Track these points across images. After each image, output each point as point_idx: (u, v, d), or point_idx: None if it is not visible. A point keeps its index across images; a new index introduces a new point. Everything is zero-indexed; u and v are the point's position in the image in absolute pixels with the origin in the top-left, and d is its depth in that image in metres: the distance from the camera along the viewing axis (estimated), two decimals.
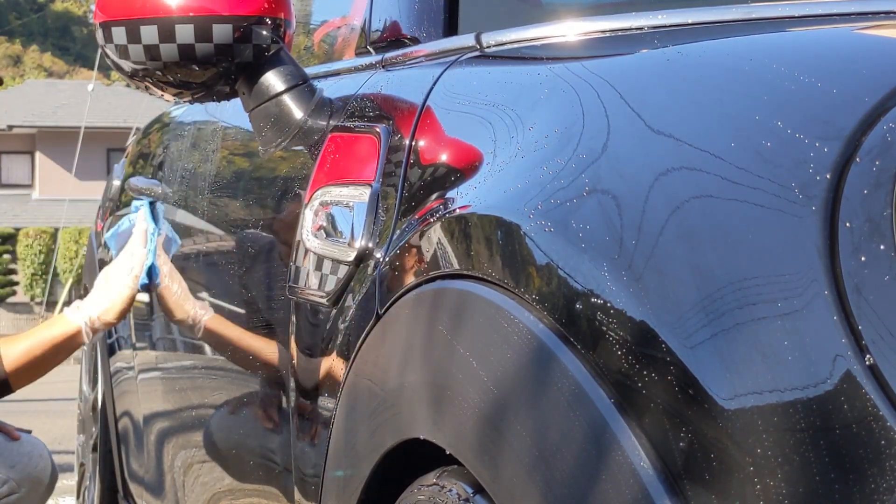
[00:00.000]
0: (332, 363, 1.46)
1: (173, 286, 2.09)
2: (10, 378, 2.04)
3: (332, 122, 1.65)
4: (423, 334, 1.21)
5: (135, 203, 2.18)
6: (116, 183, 3.46)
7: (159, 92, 1.75)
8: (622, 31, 1.37)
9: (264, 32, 1.66)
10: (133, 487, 3.01)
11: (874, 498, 0.77)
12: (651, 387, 0.90)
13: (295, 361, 1.60)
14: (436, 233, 1.25)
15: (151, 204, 2.15)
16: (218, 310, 2.10)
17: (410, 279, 1.29)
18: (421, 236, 1.29)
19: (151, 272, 2.07)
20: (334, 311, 1.48)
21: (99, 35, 1.71)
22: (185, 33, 1.63)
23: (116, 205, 3.36)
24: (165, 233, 2.14)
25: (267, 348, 1.77)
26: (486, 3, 1.76)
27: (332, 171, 1.58)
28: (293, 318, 1.62)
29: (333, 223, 1.53)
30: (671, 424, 0.87)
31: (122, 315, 2.08)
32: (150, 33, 1.64)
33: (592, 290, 0.97)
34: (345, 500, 1.37)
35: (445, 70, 1.47)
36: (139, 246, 2.08)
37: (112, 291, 2.05)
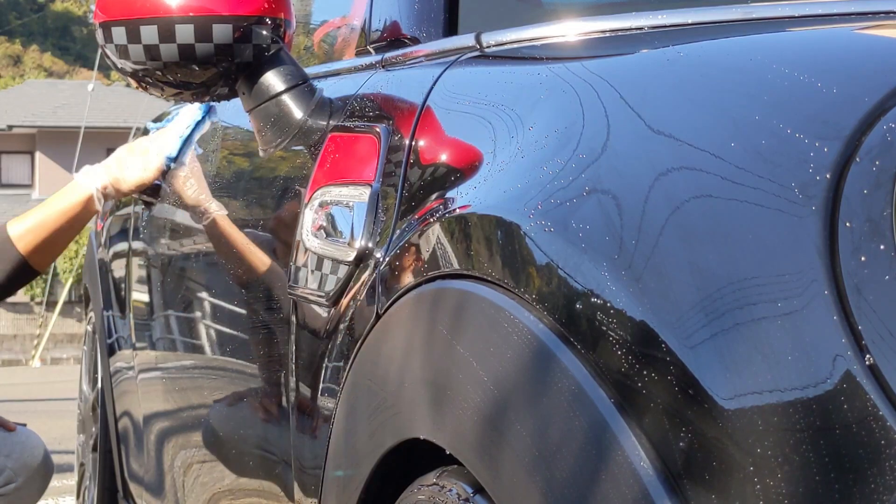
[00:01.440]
0: (332, 363, 1.46)
1: (189, 177, 2.00)
2: (29, 258, 1.94)
3: (332, 122, 1.65)
4: (423, 334, 1.21)
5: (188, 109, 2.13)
6: None
7: (159, 92, 1.75)
8: (622, 31, 1.37)
9: (264, 32, 1.66)
10: (133, 487, 3.01)
11: (874, 498, 0.77)
12: (651, 387, 0.90)
13: (295, 361, 1.60)
14: (436, 233, 1.25)
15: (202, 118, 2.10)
16: (218, 309, 2.10)
17: (410, 279, 1.29)
18: (421, 236, 1.29)
19: (180, 152, 2.01)
20: (334, 311, 1.48)
21: (99, 35, 1.71)
22: (185, 33, 1.63)
23: (116, 205, 3.36)
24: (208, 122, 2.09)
25: (265, 264, 1.75)
26: (486, 3, 1.76)
27: (331, 171, 1.58)
28: (293, 318, 1.62)
29: (333, 223, 1.53)
30: (671, 424, 0.87)
31: (138, 188, 1.99)
32: (150, 33, 1.64)
33: (592, 290, 0.97)
34: (345, 500, 1.37)
35: (445, 70, 1.47)
36: (177, 130, 2.00)
37: (133, 161, 1.97)
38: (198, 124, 2.07)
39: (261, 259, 1.79)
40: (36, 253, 1.96)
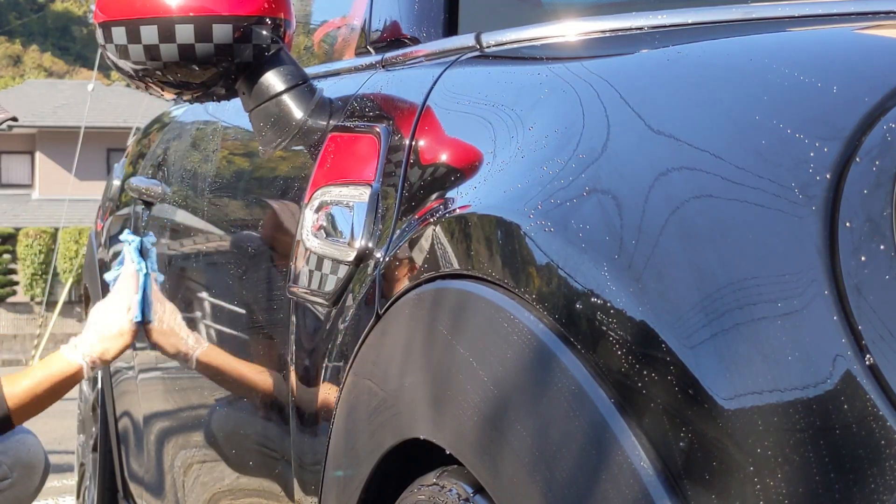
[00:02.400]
0: (332, 363, 1.46)
1: (164, 324, 2.10)
2: (13, 415, 2.09)
3: (332, 122, 1.65)
4: (423, 334, 1.21)
5: (123, 238, 2.19)
6: (116, 183, 3.46)
7: (159, 92, 1.75)
8: (622, 31, 1.37)
9: (264, 32, 1.66)
10: (133, 487, 3.01)
11: (874, 498, 0.77)
12: (651, 387, 0.90)
13: (295, 361, 1.60)
14: (436, 233, 1.25)
15: (141, 242, 2.16)
16: (218, 309, 2.10)
17: (410, 279, 1.29)
18: (421, 236, 1.29)
19: (144, 310, 2.09)
20: (334, 311, 1.48)
21: (99, 35, 1.71)
22: (185, 33, 1.63)
23: (116, 205, 3.36)
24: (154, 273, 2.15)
25: (262, 376, 1.77)
26: (486, 3, 1.76)
27: (332, 171, 1.58)
28: (293, 318, 1.62)
29: (333, 223, 1.53)
30: (671, 424, 0.87)
31: (122, 352, 2.11)
32: (150, 33, 1.64)
33: (592, 290, 0.97)
34: (345, 500, 1.37)
35: (445, 70, 1.47)
36: (131, 286, 2.09)
37: (110, 331, 2.08)
38: (141, 262, 2.13)
39: (256, 372, 1.81)
40: (20, 411, 2.11)
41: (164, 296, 2.15)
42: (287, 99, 1.67)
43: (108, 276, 2.21)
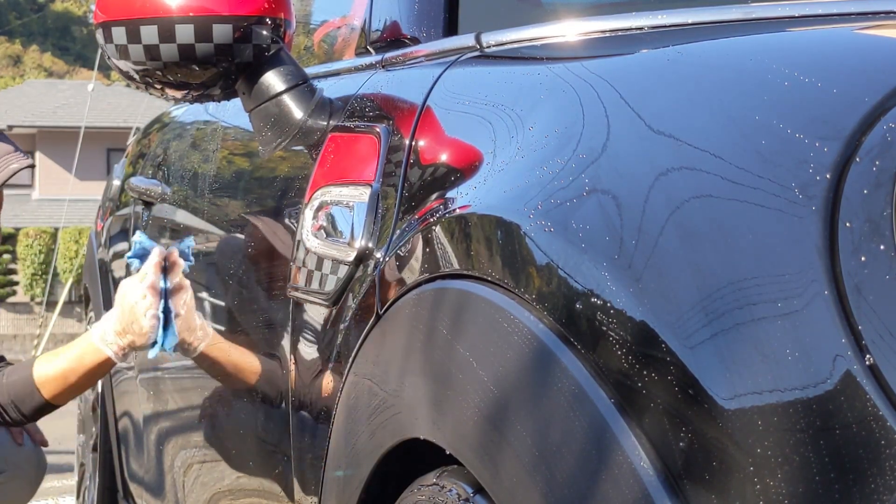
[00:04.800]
0: (332, 363, 1.46)
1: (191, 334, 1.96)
2: (52, 400, 2.09)
3: (332, 122, 1.65)
4: (424, 334, 1.21)
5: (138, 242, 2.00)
6: (116, 183, 3.46)
7: (159, 92, 1.75)
8: (622, 31, 1.37)
9: (264, 32, 1.66)
10: (133, 487, 3.01)
11: (874, 498, 0.77)
12: (651, 387, 0.90)
13: (295, 361, 1.60)
14: (436, 233, 1.25)
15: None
16: (218, 310, 2.10)
17: (410, 279, 1.29)
18: (421, 236, 1.29)
19: (167, 334, 1.93)
20: (334, 311, 1.48)
21: (99, 35, 1.71)
22: (185, 33, 1.63)
23: (116, 205, 3.36)
24: (174, 250, 1.96)
25: (262, 373, 1.76)
26: (486, 3, 1.76)
27: (332, 171, 1.58)
28: (293, 318, 1.62)
29: (333, 223, 1.53)
30: (671, 424, 0.87)
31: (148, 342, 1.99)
32: (150, 33, 1.64)
33: (592, 290, 0.97)
34: (345, 500, 1.37)
35: (445, 70, 1.47)
36: (150, 280, 1.92)
37: (135, 325, 1.95)
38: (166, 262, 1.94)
39: (256, 368, 1.79)
40: (58, 397, 2.09)
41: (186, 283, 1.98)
42: (287, 99, 1.67)
43: (129, 258, 2.05)
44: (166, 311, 1.91)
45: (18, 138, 28.07)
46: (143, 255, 1.95)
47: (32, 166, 2.29)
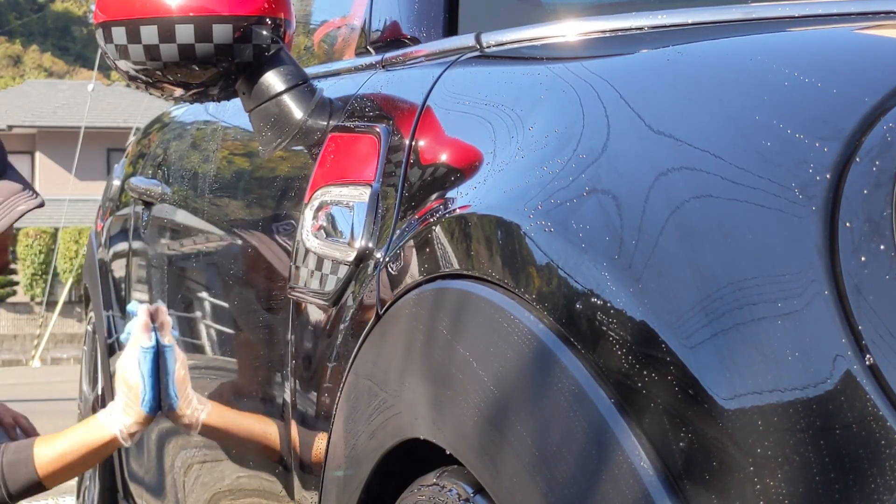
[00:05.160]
0: (332, 363, 1.46)
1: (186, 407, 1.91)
2: (43, 480, 2.02)
3: (332, 122, 1.65)
4: (424, 334, 1.21)
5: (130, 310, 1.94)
6: (116, 183, 3.46)
7: (159, 92, 1.75)
8: (622, 31, 1.37)
9: (264, 32, 1.66)
10: (133, 487, 3.01)
11: (874, 498, 0.78)
12: (651, 387, 0.90)
13: (295, 362, 1.60)
14: (436, 233, 1.25)
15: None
16: (218, 309, 2.10)
17: (410, 279, 1.29)
18: (421, 236, 1.29)
19: (160, 395, 1.87)
20: (334, 311, 1.48)
21: (99, 35, 1.71)
22: (185, 33, 1.63)
23: (116, 205, 3.36)
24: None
25: (268, 428, 1.73)
26: (486, 3, 1.76)
27: (332, 171, 1.58)
28: (293, 318, 1.62)
29: (333, 223, 1.53)
30: (671, 424, 0.87)
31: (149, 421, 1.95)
32: (150, 33, 1.64)
33: (592, 290, 0.97)
34: (345, 500, 1.37)
35: (445, 70, 1.47)
36: (140, 370, 1.87)
37: (133, 403, 1.91)
38: (155, 355, 1.87)
39: (261, 424, 1.76)
40: (51, 478, 2.03)
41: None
42: (287, 99, 1.67)
43: (122, 337, 1.95)
44: (157, 369, 1.84)
45: (18, 138, 28.09)
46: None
47: (41, 206, 2.25)
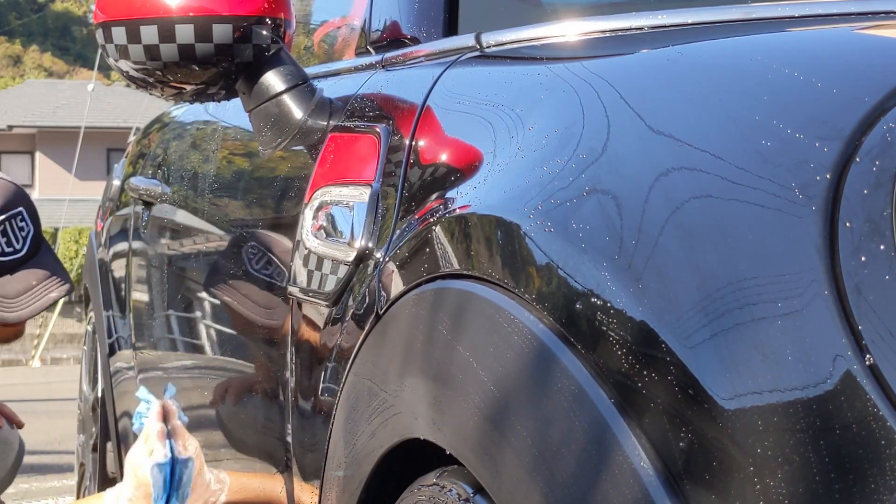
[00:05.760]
0: (331, 363, 1.46)
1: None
2: None
3: (332, 122, 1.65)
4: (423, 334, 1.21)
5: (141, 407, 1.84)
6: (116, 183, 3.46)
7: (159, 92, 1.75)
8: (622, 31, 1.37)
9: (264, 32, 1.66)
10: None
11: (874, 498, 0.78)
12: (651, 387, 0.90)
13: (295, 362, 1.60)
14: (436, 233, 1.25)
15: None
16: (218, 310, 2.10)
17: (410, 279, 1.29)
18: (421, 236, 1.29)
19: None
20: (334, 311, 1.48)
21: (99, 35, 1.71)
22: (185, 33, 1.63)
23: (116, 205, 3.36)
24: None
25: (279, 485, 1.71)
26: (486, 3, 1.76)
27: (331, 171, 1.58)
28: (293, 318, 1.62)
29: (333, 223, 1.53)
30: (671, 424, 0.87)
31: None
32: (150, 33, 1.64)
33: (592, 290, 0.97)
34: (345, 500, 1.37)
35: (445, 70, 1.47)
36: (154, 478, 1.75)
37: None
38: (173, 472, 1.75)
39: (276, 484, 1.74)
40: None
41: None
42: (287, 99, 1.67)
43: (134, 427, 1.82)
44: (174, 469, 1.73)
45: (18, 138, 28.09)
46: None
47: (71, 292, 2.23)
